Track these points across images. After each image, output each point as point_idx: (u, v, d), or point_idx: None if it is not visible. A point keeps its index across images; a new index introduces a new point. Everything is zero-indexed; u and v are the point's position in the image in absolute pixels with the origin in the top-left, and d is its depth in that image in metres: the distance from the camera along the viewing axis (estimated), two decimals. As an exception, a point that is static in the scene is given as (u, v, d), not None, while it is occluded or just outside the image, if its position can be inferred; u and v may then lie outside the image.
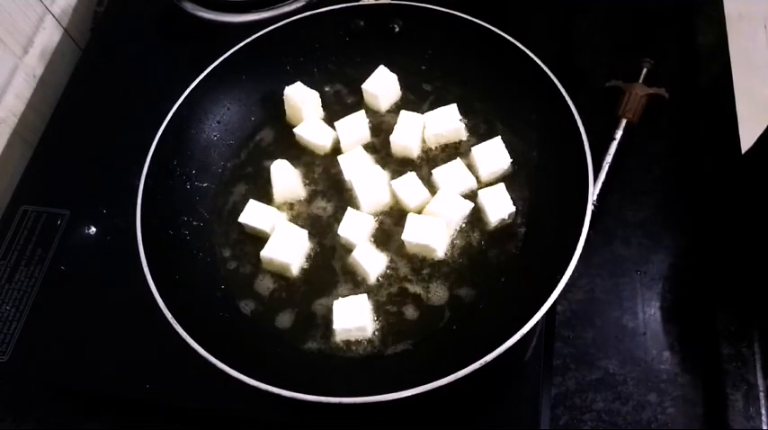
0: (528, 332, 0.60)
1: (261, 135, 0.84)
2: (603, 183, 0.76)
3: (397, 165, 0.80)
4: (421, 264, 0.73)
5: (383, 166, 0.79)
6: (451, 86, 0.83)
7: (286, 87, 0.83)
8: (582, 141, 0.70)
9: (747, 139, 0.75)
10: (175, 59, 0.96)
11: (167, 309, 0.65)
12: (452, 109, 0.80)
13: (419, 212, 0.75)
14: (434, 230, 0.72)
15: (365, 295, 0.70)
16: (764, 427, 0.65)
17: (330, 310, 0.70)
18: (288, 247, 0.73)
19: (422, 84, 0.85)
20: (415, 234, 0.72)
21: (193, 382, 0.69)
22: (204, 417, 0.71)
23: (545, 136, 0.76)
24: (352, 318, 0.69)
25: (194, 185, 0.80)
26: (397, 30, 0.85)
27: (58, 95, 0.94)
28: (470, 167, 0.77)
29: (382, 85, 0.82)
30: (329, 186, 0.80)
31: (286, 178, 0.78)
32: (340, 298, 0.70)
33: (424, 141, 0.81)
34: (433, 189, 0.76)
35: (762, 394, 0.66)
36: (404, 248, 0.74)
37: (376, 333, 0.70)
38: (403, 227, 0.73)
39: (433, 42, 0.84)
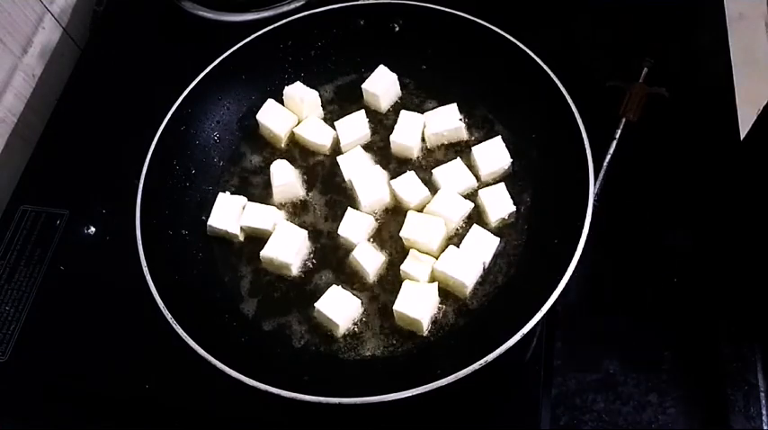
0: (528, 332, 0.60)
1: (260, 135, 0.84)
2: (603, 182, 0.76)
3: (397, 165, 0.80)
4: (421, 264, 0.73)
5: (383, 166, 0.79)
6: (451, 86, 0.83)
7: (286, 87, 0.83)
8: (582, 141, 0.70)
9: (748, 139, 0.75)
10: (175, 59, 0.96)
11: (167, 309, 0.65)
12: (452, 109, 0.80)
13: (419, 211, 0.75)
14: (432, 229, 0.72)
15: (359, 301, 0.70)
16: (765, 427, 0.65)
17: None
18: (288, 247, 0.73)
19: (422, 83, 0.85)
20: (413, 232, 0.72)
21: (193, 382, 0.69)
22: (204, 418, 0.70)
23: (545, 136, 0.76)
24: (335, 309, 0.69)
25: (194, 185, 0.80)
26: (397, 29, 0.85)
27: (58, 95, 0.94)
28: (471, 167, 0.77)
29: (382, 85, 0.82)
30: (329, 186, 0.80)
31: (286, 178, 0.78)
32: (341, 286, 0.71)
33: (424, 141, 0.81)
34: (433, 188, 0.76)
35: (762, 394, 0.66)
36: (403, 247, 0.74)
37: (376, 332, 0.70)
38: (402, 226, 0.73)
39: (434, 42, 0.84)
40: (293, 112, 0.83)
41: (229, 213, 0.76)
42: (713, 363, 0.69)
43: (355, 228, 0.74)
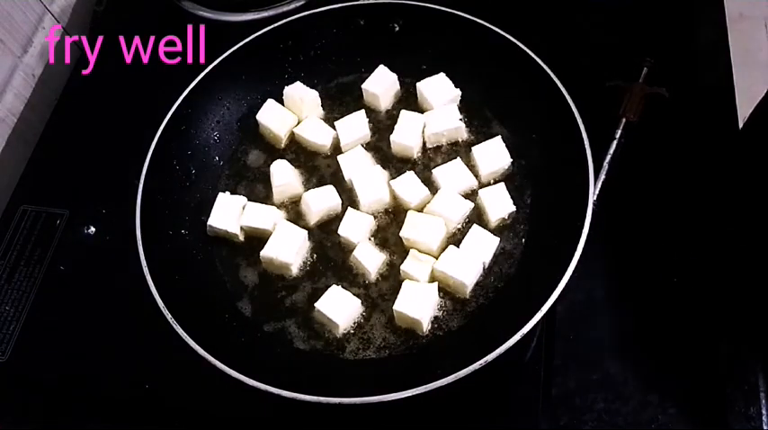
0: (528, 332, 0.60)
1: (260, 135, 0.84)
2: (604, 182, 0.76)
3: (397, 165, 0.80)
4: (421, 264, 0.73)
5: (383, 166, 0.79)
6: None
7: (286, 87, 0.83)
8: (582, 141, 0.70)
9: (748, 139, 0.75)
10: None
11: (167, 309, 0.65)
12: (452, 109, 0.80)
13: (419, 211, 0.75)
14: (432, 229, 0.72)
15: (359, 301, 0.70)
16: (765, 427, 0.65)
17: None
18: (288, 247, 0.73)
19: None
20: (413, 232, 0.72)
21: (193, 382, 0.69)
22: (204, 418, 0.70)
23: (545, 136, 0.76)
24: (335, 309, 0.69)
25: (194, 185, 0.80)
26: (397, 29, 0.85)
27: (57, 95, 0.94)
28: (470, 167, 0.77)
29: (382, 85, 0.82)
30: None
31: (285, 178, 0.78)
32: (341, 286, 0.71)
33: (424, 141, 0.81)
34: (433, 188, 0.76)
35: (762, 394, 0.66)
36: (404, 247, 0.74)
37: (376, 332, 0.70)
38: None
39: (433, 42, 0.84)
40: (293, 112, 0.83)
41: (229, 213, 0.76)
42: (713, 363, 0.69)
43: (355, 228, 0.74)
